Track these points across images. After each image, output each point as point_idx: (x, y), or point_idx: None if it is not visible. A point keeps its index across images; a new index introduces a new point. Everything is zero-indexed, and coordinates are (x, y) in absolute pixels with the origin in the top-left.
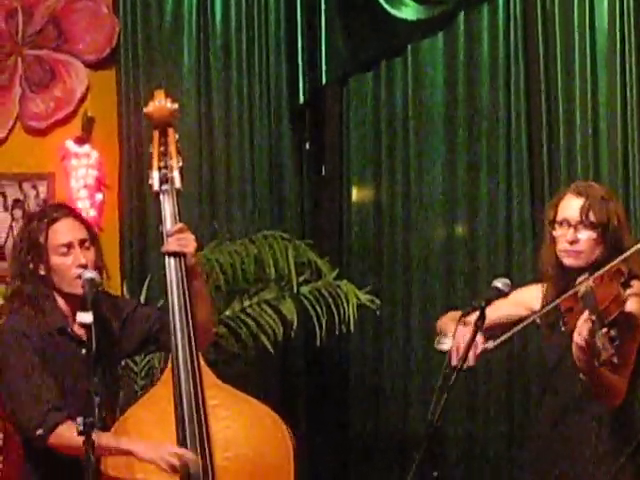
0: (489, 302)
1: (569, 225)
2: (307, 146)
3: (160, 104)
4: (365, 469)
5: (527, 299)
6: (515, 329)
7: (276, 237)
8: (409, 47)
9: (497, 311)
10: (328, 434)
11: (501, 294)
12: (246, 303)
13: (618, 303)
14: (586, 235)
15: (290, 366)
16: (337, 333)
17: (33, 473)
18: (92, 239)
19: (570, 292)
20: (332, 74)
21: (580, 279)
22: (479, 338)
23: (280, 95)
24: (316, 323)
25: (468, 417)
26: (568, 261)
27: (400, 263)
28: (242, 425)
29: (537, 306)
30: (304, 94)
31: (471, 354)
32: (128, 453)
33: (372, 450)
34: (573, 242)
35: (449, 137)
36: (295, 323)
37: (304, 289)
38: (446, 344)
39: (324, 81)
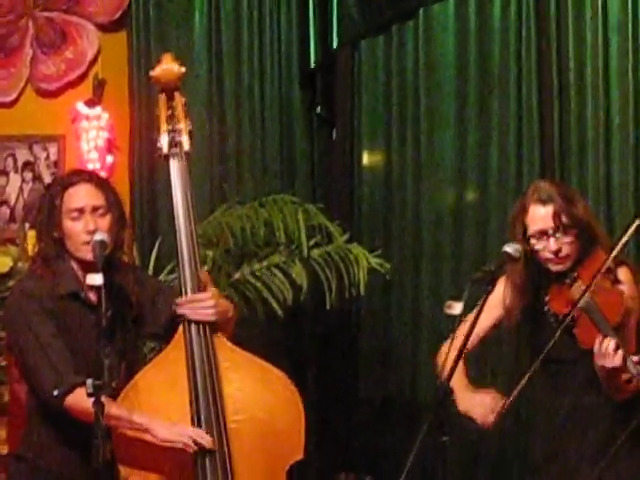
0: (499, 267)
1: (547, 235)
2: (318, 110)
3: (167, 67)
4: (374, 433)
5: (495, 300)
6: (519, 388)
7: (286, 201)
8: (420, 11)
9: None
10: (337, 397)
11: (511, 259)
12: (256, 267)
13: (619, 302)
14: (566, 239)
15: (299, 330)
16: (347, 297)
17: (35, 436)
18: (110, 207)
19: (574, 310)
20: (343, 38)
21: (576, 287)
22: (497, 396)
23: (291, 59)
24: (326, 287)
25: (477, 382)
26: (556, 268)
27: (410, 227)
28: (253, 387)
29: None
30: (315, 58)
31: (493, 415)
32: (142, 428)
33: (381, 414)
34: (558, 251)
35: (460, 101)
36: (305, 287)
37: (314, 253)
38: (456, 309)
39: (335, 45)
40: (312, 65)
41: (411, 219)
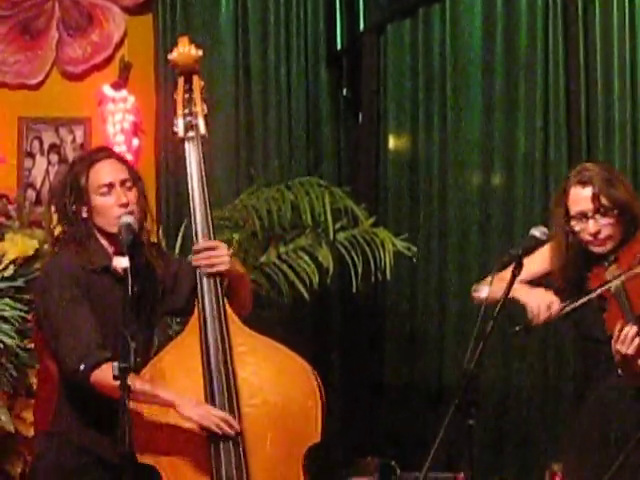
0: (526, 250)
1: (586, 217)
2: (344, 93)
3: (184, 51)
4: (399, 417)
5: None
6: (586, 298)
7: (312, 184)
8: None
9: (527, 268)
10: (362, 381)
11: (539, 242)
12: (282, 249)
13: None
14: (606, 221)
15: (325, 313)
16: (373, 280)
17: (67, 413)
18: (134, 180)
19: (602, 289)
20: (370, 21)
21: (610, 270)
22: (556, 299)
23: (318, 42)
24: (352, 270)
25: (503, 366)
26: (598, 250)
27: (436, 211)
28: (269, 371)
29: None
30: (342, 41)
31: (548, 314)
32: (167, 403)
33: (406, 398)
34: (597, 233)
35: (486, 85)
36: (331, 270)
37: (340, 236)
38: (483, 292)
39: (362, 28)
40: (339, 48)
41: (437, 202)
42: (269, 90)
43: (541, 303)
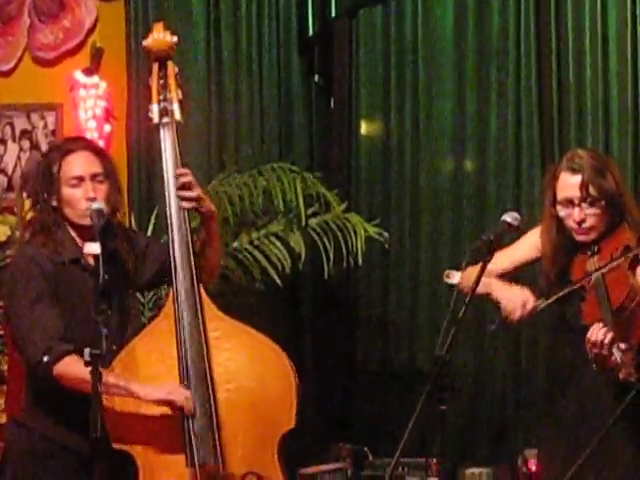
0: (498, 236)
1: (573, 204)
2: (316, 79)
3: (159, 37)
4: (371, 402)
5: (536, 241)
6: (565, 290)
7: (284, 169)
8: None
9: (512, 255)
10: (335, 367)
11: (511, 228)
12: (254, 235)
13: (626, 283)
14: (592, 211)
15: (298, 298)
16: (345, 266)
17: (34, 405)
18: (107, 174)
19: (582, 282)
20: (342, 6)
21: (592, 261)
22: (532, 297)
23: (289, 27)
24: (324, 256)
25: (476, 352)
26: (581, 238)
27: (408, 197)
28: (244, 357)
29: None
30: (313, 26)
31: (523, 311)
32: (132, 395)
33: (379, 383)
34: (582, 221)
35: (458, 71)
36: (303, 256)
37: (312, 222)
38: (455, 278)
39: (333, 13)
40: (310, 34)
41: (409, 188)
42: (241, 76)
43: (516, 301)
